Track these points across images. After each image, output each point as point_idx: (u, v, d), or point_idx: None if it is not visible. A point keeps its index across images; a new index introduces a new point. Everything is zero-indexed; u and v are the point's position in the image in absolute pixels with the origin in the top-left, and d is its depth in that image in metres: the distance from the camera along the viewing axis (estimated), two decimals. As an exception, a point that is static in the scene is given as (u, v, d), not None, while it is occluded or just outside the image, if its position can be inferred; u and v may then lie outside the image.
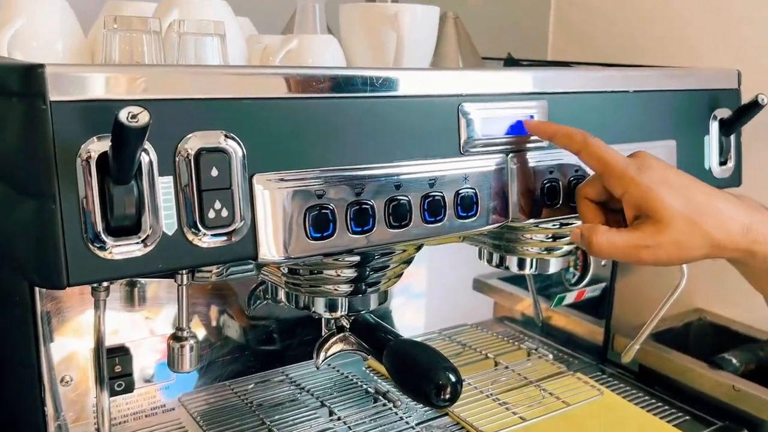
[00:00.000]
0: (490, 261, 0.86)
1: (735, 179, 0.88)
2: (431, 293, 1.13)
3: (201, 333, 0.87)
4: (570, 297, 1.04)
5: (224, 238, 0.53)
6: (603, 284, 1.07)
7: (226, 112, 0.53)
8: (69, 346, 0.77)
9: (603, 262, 1.07)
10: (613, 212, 0.67)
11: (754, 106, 0.81)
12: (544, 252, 0.82)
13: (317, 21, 0.86)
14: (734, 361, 0.97)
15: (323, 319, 0.74)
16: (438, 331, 1.11)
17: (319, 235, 0.57)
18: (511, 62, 1.10)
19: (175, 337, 0.62)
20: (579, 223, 0.81)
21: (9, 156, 0.50)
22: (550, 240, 0.81)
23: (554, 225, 0.78)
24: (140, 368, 0.81)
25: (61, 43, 0.73)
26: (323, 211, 0.57)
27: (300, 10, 0.87)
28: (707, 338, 1.12)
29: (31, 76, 0.46)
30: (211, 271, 0.67)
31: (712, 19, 1.06)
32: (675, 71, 0.84)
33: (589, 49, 1.25)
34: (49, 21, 0.73)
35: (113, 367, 0.72)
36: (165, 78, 0.51)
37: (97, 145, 0.48)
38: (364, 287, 0.69)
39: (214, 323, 0.88)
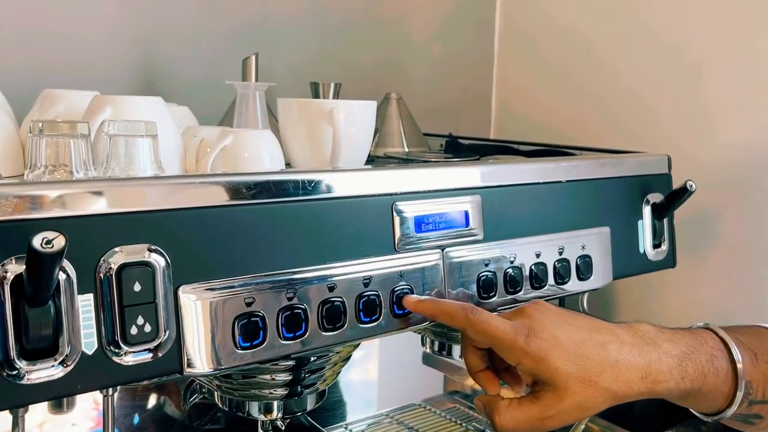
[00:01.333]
0: (432, 348, 0.86)
1: (669, 261, 0.90)
2: (381, 368, 1.12)
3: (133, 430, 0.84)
4: (516, 376, 1.04)
5: (148, 354, 0.52)
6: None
7: (151, 224, 0.52)
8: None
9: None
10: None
11: (684, 192, 0.84)
12: (485, 339, 0.82)
13: (258, 110, 0.86)
14: (678, 438, 0.98)
15: (258, 420, 0.72)
16: (386, 413, 1.09)
17: (248, 344, 0.56)
18: (452, 142, 1.12)
19: (101, 450, 0.60)
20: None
21: None
22: (490, 328, 0.80)
23: (493, 314, 0.78)
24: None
25: (-9, 137, 0.72)
26: (252, 318, 0.56)
27: (240, 99, 0.87)
28: (652, 411, 1.13)
29: (-58, 199, 0.45)
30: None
31: (643, 104, 1.10)
32: (607, 159, 0.86)
33: (530, 126, 1.28)
34: (-21, 114, 0.71)
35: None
36: (86, 194, 0.50)
37: (15, 267, 0.47)
38: (300, 389, 0.67)
39: (147, 419, 0.85)
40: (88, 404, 0.83)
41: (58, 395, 0.50)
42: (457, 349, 0.84)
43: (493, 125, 1.36)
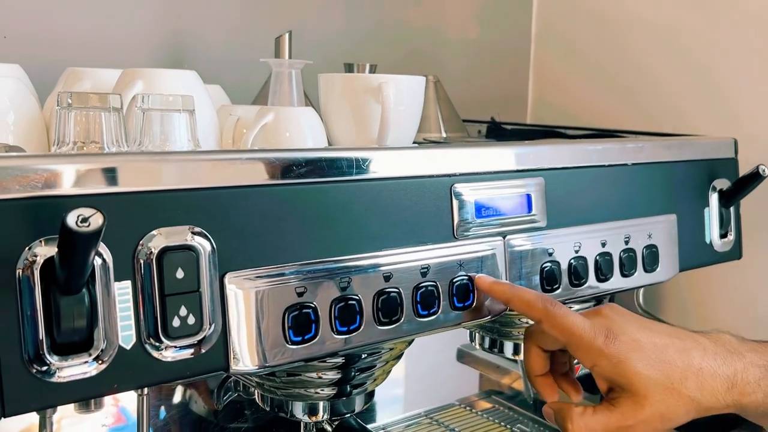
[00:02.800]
0: (482, 344, 0.80)
1: (735, 252, 0.84)
2: (414, 364, 1.06)
3: (165, 433, 0.78)
4: (564, 375, 0.98)
5: (191, 349, 0.46)
6: (597, 360, 1.01)
7: (194, 204, 0.47)
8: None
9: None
10: (562, 356, 0.61)
11: (755, 178, 0.78)
12: (541, 336, 0.76)
13: (294, 89, 0.80)
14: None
15: (301, 423, 0.67)
16: (424, 413, 1.03)
17: (299, 338, 0.51)
18: (494, 127, 1.06)
19: (134, 455, 0.54)
20: (578, 307, 0.76)
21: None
22: (548, 323, 0.74)
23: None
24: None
25: (13, 116, 0.67)
26: (304, 310, 0.51)
27: (275, 77, 0.82)
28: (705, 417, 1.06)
29: (-37, 173, 0.39)
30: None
31: (693, 83, 1.04)
32: (671, 141, 0.80)
33: (568, 112, 1.22)
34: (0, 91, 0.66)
35: (62, 486, 0.64)
36: (123, 167, 0.45)
37: (44, 249, 0.41)
38: (348, 389, 0.62)
39: (179, 420, 0.79)
40: (108, 399, 0.77)
41: (92, 395, 0.44)
42: (509, 346, 0.78)
43: (529, 110, 1.29)
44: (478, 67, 1.25)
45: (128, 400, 0.76)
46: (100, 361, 0.43)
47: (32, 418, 0.68)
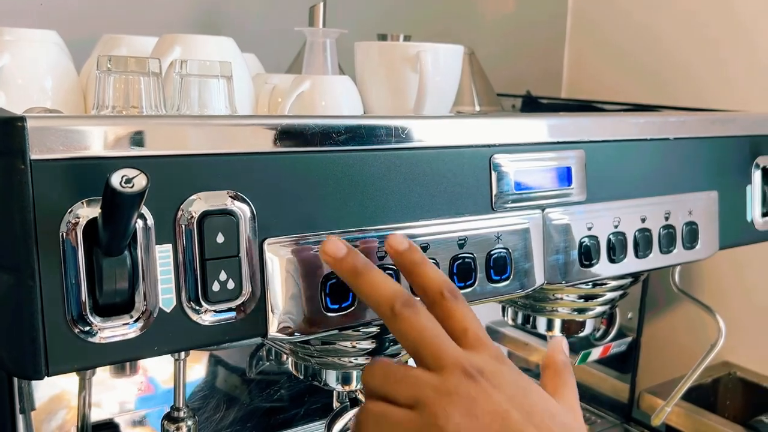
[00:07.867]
0: (514, 320, 0.79)
1: (777, 231, 0.82)
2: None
3: (198, 401, 0.79)
4: (595, 353, 0.97)
5: (230, 314, 0.46)
6: (629, 338, 1.00)
7: (234, 168, 0.46)
8: (56, 414, 0.70)
9: (629, 315, 1.00)
10: None
11: (801, 155, 0.76)
12: (575, 313, 0.75)
13: (328, 59, 0.79)
14: (773, 425, 0.90)
15: (335, 391, 0.67)
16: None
17: (336, 306, 0.50)
18: (529, 101, 1.04)
19: (171, 418, 0.55)
20: (615, 284, 0.75)
21: (-18, 221, 0.43)
22: (582, 300, 0.74)
23: (588, 285, 0.71)
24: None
25: (51, 81, 0.67)
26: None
27: (309, 47, 0.81)
28: (738, 396, 1.05)
29: (9, 131, 0.39)
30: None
31: (723, 57, 1.01)
32: (715, 116, 0.78)
33: (603, 87, 1.19)
34: (38, 56, 0.66)
35: (100, 447, 0.65)
36: (165, 130, 0.44)
37: (86, 210, 0.41)
38: (383, 359, 0.61)
39: (212, 389, 0.80)
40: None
41: (133, 357, 0.44)
42: (542, 322, 0.77)
43: (564, 84, 1.27)
44: (513, 43, 1.23)
45: (156, 370, 0.77)
46: (140, 324, 0.43)
47: (63, 384, 0.69)
